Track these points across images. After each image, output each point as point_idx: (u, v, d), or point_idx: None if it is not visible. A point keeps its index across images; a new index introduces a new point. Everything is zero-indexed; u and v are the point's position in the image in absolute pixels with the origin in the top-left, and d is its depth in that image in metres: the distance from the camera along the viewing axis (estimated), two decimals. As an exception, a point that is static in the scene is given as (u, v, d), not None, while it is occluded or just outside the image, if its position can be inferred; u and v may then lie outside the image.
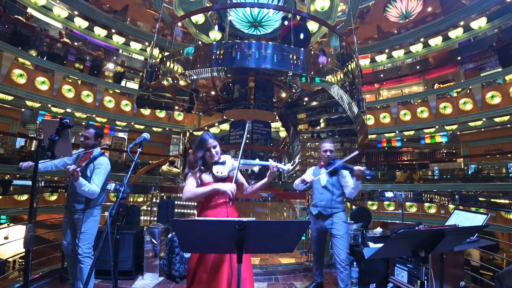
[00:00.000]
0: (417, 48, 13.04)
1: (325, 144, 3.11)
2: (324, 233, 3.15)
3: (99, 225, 2.77)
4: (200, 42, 8.96)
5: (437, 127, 11.00)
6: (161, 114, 11.73)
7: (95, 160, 2.61)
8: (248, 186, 2.16)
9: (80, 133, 2.66)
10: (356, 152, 2.88)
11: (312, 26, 7.59)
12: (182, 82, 5.65)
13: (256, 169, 2.09)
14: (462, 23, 11.72)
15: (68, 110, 9.81)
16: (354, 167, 2.81)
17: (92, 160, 2.59)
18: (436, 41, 12.51)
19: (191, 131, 12.24)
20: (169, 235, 3.72)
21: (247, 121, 2.27)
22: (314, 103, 6.54)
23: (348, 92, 4.87)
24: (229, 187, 1.91)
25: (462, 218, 2.85)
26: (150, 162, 11.50)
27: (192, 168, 2.08)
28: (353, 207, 5.18)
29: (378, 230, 3.78)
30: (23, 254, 2.72)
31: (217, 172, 2.02)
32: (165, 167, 7.70)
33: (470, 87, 9.84)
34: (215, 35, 8.85)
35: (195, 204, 2.19)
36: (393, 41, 13.30)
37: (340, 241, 2.96)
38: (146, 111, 11.19)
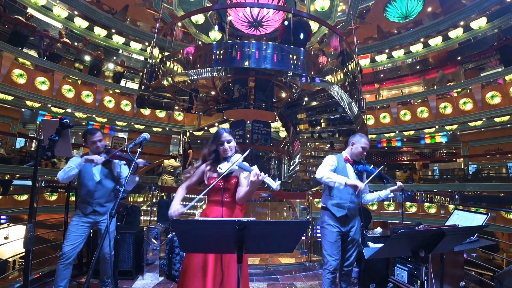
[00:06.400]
0: (417, 48, 13.02)
1: (366, 140, 2.71)
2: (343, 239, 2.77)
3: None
4: (200, 42, 8.95)
5: (437, 127, 10.99)
6: (161, 114, 11.73)
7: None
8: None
9: (91, 140, 2.65)
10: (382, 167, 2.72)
11: (312, 26, 7.58)
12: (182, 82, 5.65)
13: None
14: (462, 23, 11.71)
15: (68, 110, 9.80)
16: (397, 182, 2.59)
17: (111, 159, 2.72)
18: (436, 41, 12.50)
19: (191, 131, 12.24)
20: (169, 235, 3.71)
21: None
22: (314, 103, 6.53)
23: (348, 92, 4.86)
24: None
25: (462, 218, 2.85)
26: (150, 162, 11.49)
27: (204, 161, 2.07)
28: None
29: (378, 230, 3.77)
30: (23, 254, 2.72)
31: (220, 169, 1.97)
32: (166, 161, 8.53)
33: (470, 87, 9.83)
34: (215, 35, 8.85)
35: (195, 204, 2.19)
36: (393, 41, 13.28)
37: (357, 248, 2.75)
38: (146, 111, 11.18)
